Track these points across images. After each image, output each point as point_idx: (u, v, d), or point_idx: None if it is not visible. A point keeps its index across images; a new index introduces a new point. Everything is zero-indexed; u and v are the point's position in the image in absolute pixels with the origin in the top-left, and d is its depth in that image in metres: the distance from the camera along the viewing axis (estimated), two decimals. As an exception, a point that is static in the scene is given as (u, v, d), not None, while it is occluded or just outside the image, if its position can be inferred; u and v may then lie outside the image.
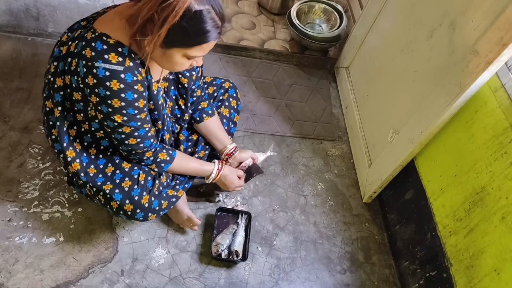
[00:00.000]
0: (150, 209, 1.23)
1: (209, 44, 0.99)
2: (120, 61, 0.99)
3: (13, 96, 1.65)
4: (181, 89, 1.31)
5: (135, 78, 1.02)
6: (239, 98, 1.63)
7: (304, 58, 2.23)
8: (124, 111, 1.04)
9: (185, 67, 1.06)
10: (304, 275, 1.47)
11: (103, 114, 1.05)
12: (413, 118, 1.43)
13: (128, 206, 1.19)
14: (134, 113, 1.06)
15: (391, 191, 1.65)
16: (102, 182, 1.20)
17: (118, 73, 0.99)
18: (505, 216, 1.10)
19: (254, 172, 1.51)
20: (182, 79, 1.28)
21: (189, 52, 0.99)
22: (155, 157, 1.22)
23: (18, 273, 1.26)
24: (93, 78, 0.98)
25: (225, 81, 1.61)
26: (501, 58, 1.08)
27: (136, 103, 1.05)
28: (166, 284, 1.34)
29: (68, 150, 1.17)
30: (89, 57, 0.97)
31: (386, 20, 1.78)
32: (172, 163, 1.26)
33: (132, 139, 1.11)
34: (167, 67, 1.06)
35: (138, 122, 1.09)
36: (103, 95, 1.00)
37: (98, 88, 0.99)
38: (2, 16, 1.79)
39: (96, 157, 1.22)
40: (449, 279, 1.27)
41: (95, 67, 0.97)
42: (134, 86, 1.02)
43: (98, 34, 0.98)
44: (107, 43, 0.98)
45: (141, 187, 1.21)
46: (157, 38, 0.92)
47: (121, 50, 0.99)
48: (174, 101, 1.33)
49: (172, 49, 0.98)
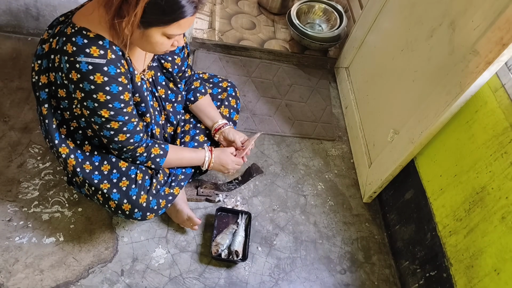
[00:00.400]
0: (148, 209, 1.23)
1: (186, 20, 0.98)
2: (102, 54, 0.99)
3: (13, 96, 1.65)
4: (166, 73, 1.30)
5: (118, 71, 1.02)
6: (239, 97, 1.63)
7: (304, 58, 2.23)
8: (110, 104, 1.03)
9: (166, 47, 1.04)
10: (304, 275, 1.47)
11: (89, 110, 1.04)
12: (413, 118, 1.43)
13: (126, 206, 1.19)
14: (121, 106, 1.06)
15: (391, 191, 1.65)
16: (99, 180, 1.19)
17: (100, 66, 0.98)
18: (505, 216, 1.10)
19: (254, 172, 1.51)
20: (165, 64, 1.27)
21: (167, 30, 0.98)
22: (148, 153, 1.21)
23: (18, 273, 1.26)
24: (76, 73, 0.98)
25: (223, 80, 1.61)
26: (501, 58, 1.08)
27: (121, 95, 1.05)
28: (166, 284, 1.34)
29: (61, 147, 1.17)
30: (71, 52, 0.97)
31: (386, 20, 1.78)
32: (167, 156, 1.25)
33: (122, 135, 1.11)
34: (149, 49, 1.05)
35: (126, 116, 1.08)
36: (87, 89, 1.00)
37: (82, 83, 0.99)
38: (2, 16, 1.79)
39: (91, 154, 1.21)
40: (449, 279, 1.27)
41: (78, 61, 0.97)
42: (118, 79, 1.02)
43: (78, 29, 0.98)
44: (87, 36, 0.98)
45: (139, 186, 1.21)
46: (133, 17, 0.92)
47: (102, 43, 0.99)
48: (165, 86, 1.32)
49: (150, 28, 0.97)
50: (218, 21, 2.24)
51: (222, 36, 2.17)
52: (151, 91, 1.25)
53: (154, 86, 1.26)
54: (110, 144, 1.14)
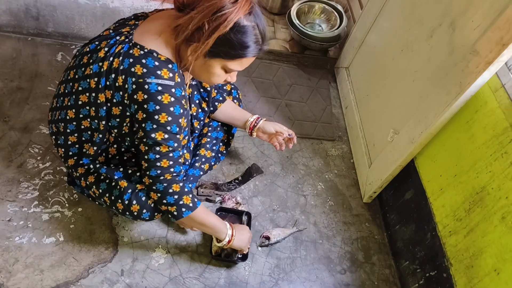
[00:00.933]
0: (156, 209, 1.23)
1: (248, 59, 1.03)
2: (171, 77, 1.01)
3: (13, 96, 1.65)
4: (203, 92, 1.34)
5: (183, 93, 1.05)
6: (241, 99, 1.64)
7: (304, 58, 2.23)
8: (168, 127, 1.05)
9: (221, 80, 1.09)
10: (304, 275, 1.47)
11: (145, 132, 1.05)
12: (413, 118, 1.43)
13: (135, 207, 1.19)
14: (176, 131, 1.07)
15: (391, 191, 1.65)
16: (120, 177, 1.20)
17: (169, 87, 1.01)
18: (505, 216, 1.10)
19: (254, 172, 1.51)
20: (205, 84, 1.32)
21: (228, 64, 1.02)
22: (179, 197, 1.14)
23: (18, 273, 1.26)
24: (143, 94, 1.00)
25: (226, 83, 1.61)
26: (501, 58, 1.08)
27: (180, 119, 1.06)
28: (166, 284, 1.34)
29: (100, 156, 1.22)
30: (140, 74, 0.99)
31: (386, 20, 1.78)
32: (194, 211, 1.17)
33: (165, 161, 1.09)
34: (204, 77, 1.08)
35: (176, 143, 1.09)
36: (151, 110, 1.01)
37: (147, 103, 1.00)
38: (2, 16, 1.79)
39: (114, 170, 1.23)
40: (449, 279, 1.27)
41: (147, 83, 0.99)
42: (181, 101, 1.05)
43: (148, 51, 1.00)
44: (158, 59, 1.00)
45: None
46: (204, 46, 0.96)
47: (171, 66, 1.02)
48: (198, 105, 1.35)
49: (214, 59, 1.01)
50: (218, 21, 2.24)
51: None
52: None
53: (189, 104, 1.27)
54: (149, 169, 1.10)
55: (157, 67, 1.00)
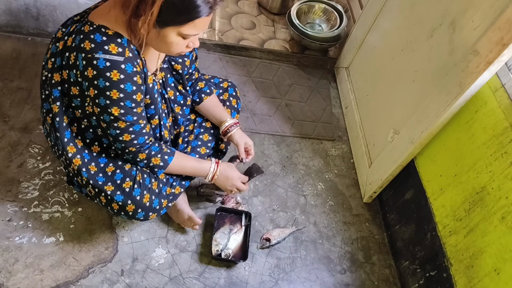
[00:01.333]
0: (151, 208, 1.23)
1: (202, 20, 0.98)
2: (120, 52, 0.99)
3: (13, 96, 1.65)
4: (176, 75, 1.31)
5: (135, 69, 1.03)
6: (239, 97, 1.62)
7: (304, 58, 2.23)
8: (121, 103, 1.04)
9: (182, 48, 1.05)
10: (304, 275, 1.47)
11: (100, 107, 1.04)
12: (413, 118, 1.43)
13: (130, 207, 1.19)
14: (131, 106, 1.06)
15: (391, 191, 1.65)
16: (103, 182, 1.19)
17: (118, 63, 0.99)
18: (505, 216, 1.11)
19: (254, 172, 1.51)
20: (176, 66, 1.28)
21: (182, 30, 0.99)
22: (148, 161, 1.20)
23: (18, 273, 1.26)
24: (92, 70, 0.98)
25: (223, 81, 1.61)
26: (501, 58, 1.08)
27: (134, 95, 1.05)
28: (166, 284, 1.34)
29: (68, 146, 1.17)
30: (89, 49, 0.97)
31: (386, 20, 1.78)
32: (167, 168, 1.23)
33: (126, 135, 1.11)
34: (164, 49, 1.06)
35: (134, 117, 1.09)
36: (102, 86, 1.00)
37: (97, 79, 0.99)
38: (2, 16, 1.79)
39: (98, 155, 1.21)
40: (449, 279, 1.27)
41: (95, 58, 0.97)
42: (133, 78, 1.03)
43: (97, 26, 0.99)
44: (106, 34, 0.98)
45: (141, 186, 1.21)
46: (150, 17, 0.93)
47: (120, 40, 1.00)
48: (174, 88, 1.32)
49: (166, 28, 0.98)
50: (218, 21, 2.24)
51: (222, 36, 2.17)
52: (161, 93, 1.25)
53: (164, 88, 1.26)
54: (114, 143, 1.14)
55: (105, 42, 0.98)
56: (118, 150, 1.17)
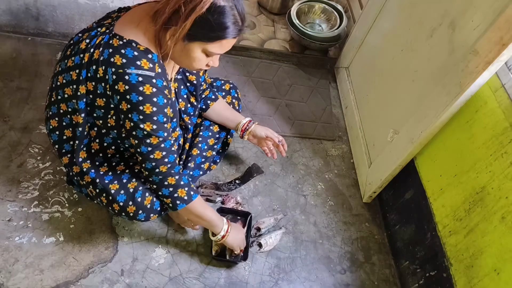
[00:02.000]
0: (152, 210, 1.23)
1: (228, 41, 1.01)
2: (151, 67, 1.01)
3: (13, 96, 1.65)
4: (190, 86, 1.32)
5: (165, 84, 1.04)
6: (240, 98, 1.64)
7: (304, 58, 2.23)
8: (155, 117, 1.04)
9: (202, 65, 1.07)
10: (304, 275, 1.47)
11: (133, 122, 1.04)
12: (413, 118, 1.43)
13: (131, 208, 1.19)
14: (163, 121, 1.06)
15: (391, 191, 1.65)
16: (110, 181, 1.19)
17: (150, 78, 1.00)
18: (505, 216, 1.11)
19: (254, 172, 1.51)
20: (190, 77, 1.30)
21: (209, 47, 1.01)
22: (174, 189, 1.16)
23: (18, 273, 1.26)
24: (124, 85, 0.99)
25: (225, 83, 1.62)
26: (501, 58, 1.09)
27: (165, 109, 1.06)
28: (166, 284, 1.34)
29: (81, 151, 1.18)
30: (120, 64, 0.98)
31: (386, 20, 1.78)
32: (188, 204, 1.19)
33: (158, 152, 1.10)
34: (185, 63, 1.07)
35: (165, 133, 1.09)
36: (135, 101, 1.00)
37: (130, 94, 1.00)
38: (2, 16, 1.79)
39: (112, 156, 1.23)
40: (449, 279, 1.27)
41: (127, 73, 0.98)
42: (164, 91, 1.04)
43: (127, 41, 0.99)
44: (137, 49, 0.99)
45: (144, 188, 1.21)
46: (182, 28, 0.95)
47: (151, 56, 1.01)
48: (186, 99, 1.33)
49: (193, 42, 1.00)
50: (218, 21, 2.24)
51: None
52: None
53: (176, 99, 1.27)
54: (144, 162, 1.11)
55: (137, 57, 0.99)
56: (146, 171, 1.14)
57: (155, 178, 1.15)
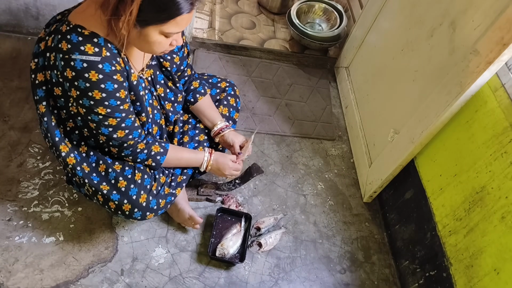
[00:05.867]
0: (148, 208, 1.23)
1: (183, 17, 0.97)
2: (96, 52, 0.99)
3: (13, 96, 1.65)
4: (165, 72, 1.30)
5: (113, 68, 1.02)
6: (238, 96, 1.62)
7: (304, 58, 2.23)
8: (106, 102, 1.03)
9: (165, 47, 1.04)
10: (304, 275, 1.47)
11: (86, 108, 1.04)
12: (413, 117, 1.43)
13: (126, 206, 1.19)
14: (117, 104, 1.05)
15: (391, 191, 1.65)
16: (98, 182, 1.19)
17: (95, 63, 0.98)
18: (505, 215, 1.11)
19: (254, 172, 1.51)
20: (164, 63, 1.27)
21: (164, 28, 0.97)
22: (149, 150, 1.20)
23: (18, 272, 1.26)
24: (71, 71, 0.98)
25: (222, 81, 1.60)
26: (501, 58, 1.09)
27: (117, 93, 1.04)
28: (166, 284, 1.34)
29: (61, 145, 1.17)
30: (66, 50, 0.97)
31: (386, 19, 1.78)
32: (167, 154, 1.25)
33: (120, 131, 1.10)
34: (147, 48, 1.04)
35: (123, 113, 1.08)
36: (83, 87, 1.00)
37: (77, 80, 0.99)
38: (1, 16, 1.79)
39: (87, 155, 1.21)
40: (449, 278, 1.27)
41: (72, 59, 0.97)
42: (113, 76, 1.02)
43: (73, 26, 0.98)
44: (82, 34, 0.98)
45: (138, 186, 1.21)
46: (129, 16, 0.92)
47: (97, 40, 0.99)
48: (164, 85, 1.31)
49: (147, 27, 0.97)
50: (218, 21, 2.24)
51: (222, 35, 2.17)
52: (150, 90, 1.25)
53: (153, 85, 1.26)
54: (109, 141, 1.13)
55: (81, 43, 0.97)
56: (115, 148, 1.16)
57: (126, 152, 1.18)
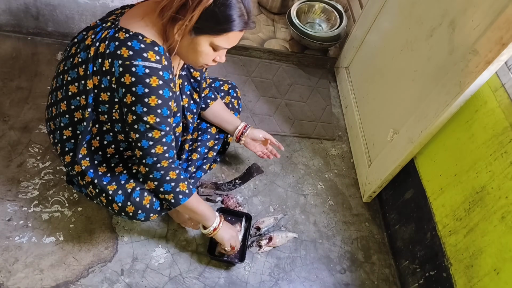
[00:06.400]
0: (152, 210, 1.22)
1: (234, 34, 1.01)
2: (158, 60, 1.01)
3: (13, 96, 1.65)
4: (194, 83, 1.33)
5: (171, 77, 1.04)
6: (240, 97, 1.63)
7: (304, 58, 2.23)
8: (159, 110, 1.04)
9: (209, 60, 1.07)
10: (304, 275, 1.47)
11: (136, 115, 1.03)
12: (412, 117, 1.43)
13: (130, 208, 1.19)
14: (167, 114, 1.06)
15: (391, 191, 1.65)
16: (108, 182, 1.19)
17: (157, 70, 1.00)
18: (505, 215, 1.11)
19: (254, 172, 1.51)
20: (194, 73, 1.30)
21: (215, 40, 1.01)
22: (176, 184, 1.16)
23: (18, 272, 1.26)
24: (130, 77, 0.99)
25: (224, 83, 1.61)
26: (501, 57, 1.08)
27: (170, 102, 1.06)
28: (166, 284, 1.34)
29: (82, 148, 1.16)
30: (127, 56, 0.98)
31: (386, 19, 1.78)
32: (189, 198, 1.19)
33: (159, 147, 1.09)
34: (192, 58, 1.07)
35: (167, 127, 1.08)
36: (140, 93, 1.00)
37: (136, 86, 1.00)
38: (1, 16, 1.79)
39: (111, 156, 1.22)
40: (449, 278, 1.27)
41: (134, 65, 0.98)
42: (170, 84, 1.04)
43: (134, 34, 1.00)
44: (144, 42, 1.00)
45: (142, 188, 1.21)
46: (189, 21, 0.95)
47: (157, 49, 1.01)
48: (189, 96, 1.33)
49: (200, 36, 1.00)
50: (218, 21, 2.24)
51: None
52: None
53: (180, 95, 1.27)
54: (144, 158, 1.10)
55: (143, 50, 0.99)
56: (146, 167, 1.13)
57: (156, 174, 1.13)
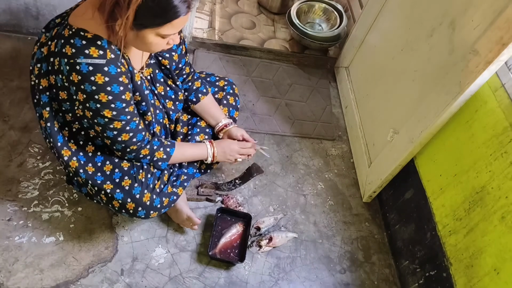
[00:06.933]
0: (152, 207, 1.23)
1: (180, 19, 0.98)
2: (101, 54, 0.99)
3: (13, 96, 1.65)
4: (164, 70, 1.31)
5: (119, 70, 1.03)
6: (237, 94, 1.62)
7: (304, 58, 2.23)
8: (112, 105, 1.04)
9: (162, 47, 1.06)
10: (304, 275, 1.47)
11: (92, 111, 1.04)
12: (413, 117, 1.43)
13: (130, 205, 1.20)
14: (123, 106, 1.06)
15: (391, 191, 1.65)
16: (102, 181, 1.19)
17: (101, 66, 0.99)
18: (505, 215, 1.11)
19: (254, 172, 1.51)
20: (163, 61, 1.28)
21: (160, 31, 0.99)
22: (152, 156, 1.22)
23: (18, 272, 1.26)
24: (77, 75, 0.99)
25: (220, 79, 1.60)
26: (501, 57, 1.08)
27: (123, 95, 1.05)
28: (166, 284, 1.34)
29: (63, 150, 1.17)
30: (70, 54, 0.97)
31: (386, 19, 1.78)
32: (170, 159, 1.26)
33: (125, 135, 1.11)
34: (144, 49, 1.07)
35: (128, 116, 1.09)
36: (89, 91, 1.00)
37: (83, 84, 0.99)
38: (1, 16, 1.79)
39: (93, 154, 1.21)
40: (449, 278, 1.27)
41: (78, 63, 0.97)
42: (119, 78, 1.03)
43: (75, 30, 0.98)
44: (85, 38, 0.98)
45: (142, 184, 1.21)
46: (125, 21, 0.93)
47: (100, 43, 0.99)
48: (164, 83, 1.32)
49: (143, 30, 0.98)
50: (218, 21, 2.24)
51: (222, 35, 2.17)
52: (151, 89, 1.25)
53: (152, 84, 1.26)
54: (113, 145, 1.14)
55: (85, 46, 0.98)
56: (118, 152, 1.18)
57: (130, 156, 1.19)
